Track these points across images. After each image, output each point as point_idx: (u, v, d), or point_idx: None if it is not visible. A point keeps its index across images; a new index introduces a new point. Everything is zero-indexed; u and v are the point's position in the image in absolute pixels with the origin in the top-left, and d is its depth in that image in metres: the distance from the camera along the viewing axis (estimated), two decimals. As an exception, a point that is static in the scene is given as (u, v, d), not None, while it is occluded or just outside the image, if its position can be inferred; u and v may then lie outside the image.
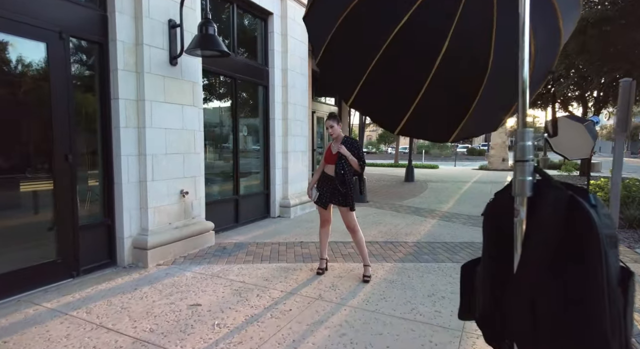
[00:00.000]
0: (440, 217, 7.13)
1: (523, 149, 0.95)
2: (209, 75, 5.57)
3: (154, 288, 3.56)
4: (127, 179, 4.11)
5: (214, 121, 5.95)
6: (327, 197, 3.90)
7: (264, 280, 3.78)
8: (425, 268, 4.18)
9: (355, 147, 3.83)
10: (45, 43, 3.44)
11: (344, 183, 3.80)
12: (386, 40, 1.16)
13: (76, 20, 3.69)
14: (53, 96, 3.51)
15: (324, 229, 4.08)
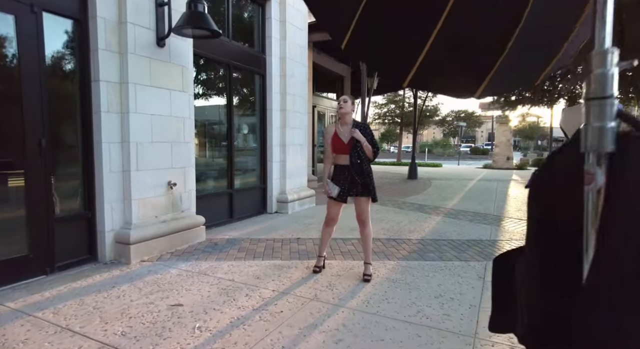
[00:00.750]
0: (445, 214, 6.79)
1: (602, 79, 0.63)
2: (201, 61, 5.26)
3: (134, 285, 3.24)
4: (108, 169, 3.79)
5: (206, 110, 5.64)
6: (345, 190, 3.45)
7: (255, 278, 3.46)
8: (431, 267, 3.85)
9: (367, 132, 3.46)
10: (13, 16, 3.12)
11: (361, 173, 3.39)
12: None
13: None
14: (23, 74, 3.19)
15: (329, 229, 3.65)
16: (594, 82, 0.65)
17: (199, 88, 5.42)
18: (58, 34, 3.54)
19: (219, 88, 5.74)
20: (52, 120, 3.44)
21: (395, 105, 27.60)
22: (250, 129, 6.47)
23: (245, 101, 6.37)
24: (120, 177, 3.89)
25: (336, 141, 3.46)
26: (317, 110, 11.00)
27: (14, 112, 3.19)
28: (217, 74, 5.67)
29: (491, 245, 4.74)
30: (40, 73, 3.31)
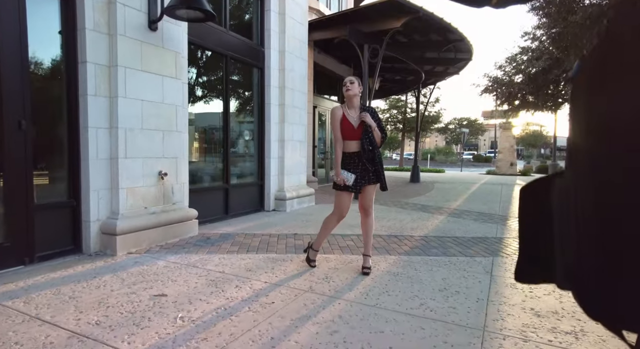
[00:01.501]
0: (448, 213, 6.56)
1: None
2: (196, 50, 5.10)
3: (117, 276, 3.03)
4: (95, 155, 3.61)
5: (201, 101, 5.47)
6: (358, 178, 3.17)
7: (247, 271, 3.24)
8: (435, 262, 3.62)
9: (376, 117, 3.23)
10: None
11: (372, 160, 3.15)
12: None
13: (37, -32, 3.22)
14: (2, 51, 3.02)
15: (336, 223, 3.32)
16: None
17: (195, 78, 5.26)
18: (43, 11, 3.38)
19: (216, 79, 5.58)
20: (34, 101, 3.26)
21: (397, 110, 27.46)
22: (248, 124, 6.29)
23: (242, 94, 6.20)
24: (107, 165, 3.70)
25: (346, 125, 3.19)
26: (317, 110, 10.84)
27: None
28: (215, 65, 5.51)
29: (498, 242, 4.51)
30: (22, 50, 3.14)
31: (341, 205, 3.24)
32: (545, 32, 11.27)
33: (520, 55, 16.04)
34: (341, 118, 3.21)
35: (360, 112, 3.21)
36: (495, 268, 3.45)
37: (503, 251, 4.06)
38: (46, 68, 3.47)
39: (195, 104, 5.25)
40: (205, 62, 5.45)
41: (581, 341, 2.11)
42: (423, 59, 10.98)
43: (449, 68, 11.91)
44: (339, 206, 3.25)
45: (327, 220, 3.34)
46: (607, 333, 2.06)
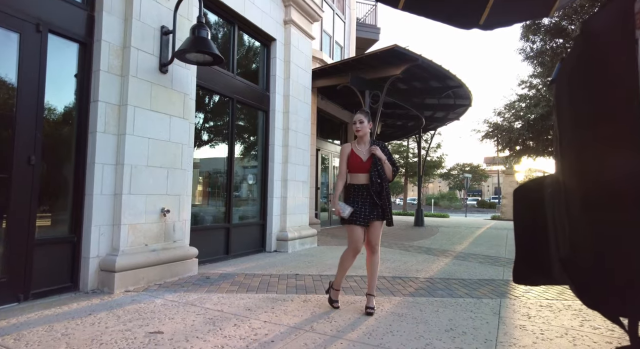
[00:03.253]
0: (454, 256, 6.43)
1: None
2: (204, 92, 5.30)
3: (113, 313, 2.94)
4: (100, 191, 3.64)
5: (208, 141, 5.59)
6: (367, 212, 3.13)
7: (246, 310, 3.14)
8: (441, 303, 3.50)
9: (386, 151, 3.27)
10: (18, 34, 3.17)
11: (380, 194, 3.14)
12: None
13: (59, 16, 3.45)
14: (21, 91, 3.17)
15: (353, 259, 3.22)
16: None
17: (203, 120, 5.42)
18: (62, 55, 3.58)
19: (222, 121, 5.75)
20: (46, 137, 3.36)
21: (399, 155, 27.79)
22: (252, 163, 6.38)
23: (247, 137, 6.35)
24: (111, 201, 3.73)
25: (354, 159, 3.22)
26: (320, 153, 11.00)
27: (5, 127, 3.12)
28: (222, 108, 5.70)
29: (505, 284, 4.38)
30: (40, 90, 3.29)
31: (354, 238, 3.16)
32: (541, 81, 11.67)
33: (518, 103, 16.48)
34: (349, 153, 3.26)
35: (369, 146, 3.27)
36: (503, 310, 3.32)
37: (511, 293, 3.93)
38: (59, 106, 3.60)
39: (202, 145, 5.36)
40: (212, 105, 5.64)
41: (598, 383, 1.99)
42: (423, 105, 11.32)
43: (449, 114, 12.22)
44: (353, 239, 3.17)
45: (343, 256, 3.26)
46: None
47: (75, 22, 3.58)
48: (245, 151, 6.26)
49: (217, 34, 5.60)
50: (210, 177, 5.66)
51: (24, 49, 3.20)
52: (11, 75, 3.17)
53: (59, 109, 3.59)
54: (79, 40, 3.64)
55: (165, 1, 4.18)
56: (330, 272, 4.67)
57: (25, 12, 3.20)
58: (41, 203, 3.37)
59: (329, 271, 4.72)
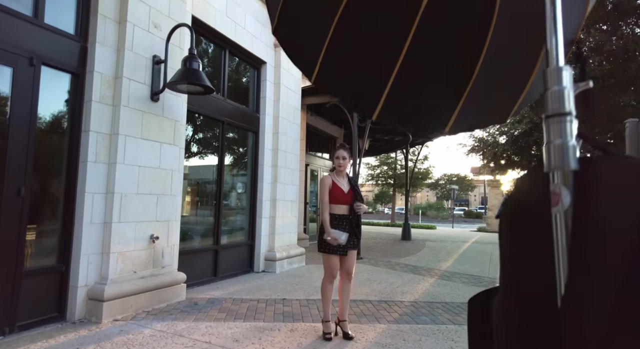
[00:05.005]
0: (439, 276, 6.56)
1: (558, 96, 0.61)
2: (195, 117, 5.38)
3: (100, 347, 2.97)
4: (89, 220, 3.68)
5: (197, 164, 5.66)
6: (347, 242, 3.33)
7: (234, 341, 3.20)
8: (424, 330, 3.61)
9: (357, 188, 3.53)
10: (11, 68, 3.22)
11: (358, 225, 3.41)
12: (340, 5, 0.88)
13: (52, 48, 3.51)
14: (12, 124, 3.21)
15: (331, 285, 3.42)
16: (551, 99, 0.64)
17: (193, 143, 5.49)
18: (54, 86, 3.63)
19: (212, 144, 5.82)
20: (36, 168, 3.40)
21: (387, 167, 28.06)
22: (241, 184, 6.44)
23: (237, 156, 6.43)
24: (100, 229, 3.76)
25: (337, 190, 3.41)
26: (310, 168, 11.11)
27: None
28: (211, 130, 5.78)
29: (487, 308, 4.50)
30: (31, 122, 3.33)
31: (331, 267, 3.35)
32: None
33: (503, 118, 16.83)
34: (331, 185, 3.41)
35: (349, 181, 3.45)
36: (483, 338, 3.44)
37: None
38: (50, 136, 3.65)
39: (191, 167, 5.42)
40: (202, 128, 5.72)
41: None
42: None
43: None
44: (329, 268, 3.36)
45: (323, 287, 3.43)
46: None
47: (68, 53, 3.65)
48: (235, 172, 6.33)
49: (208, 58, 5.70)
50: (199, 199, 5.71)
51: (16, 82, 3.25)
52: (3, 108, 3.21)
53: (50, 139, 3.63)
54: (71, 72, 3.70)
55: (157, 31, 4.27)
56: (317, 296, 4.75)
57: (19, 47, 3.26)
58: (30, 233, 3.39)
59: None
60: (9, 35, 3.20)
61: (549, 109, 0.64)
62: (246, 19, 6.00)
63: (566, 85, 0.63)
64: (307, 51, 1.02)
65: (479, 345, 0.85)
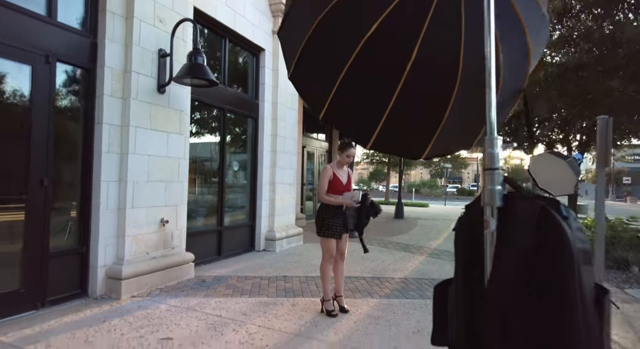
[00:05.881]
0: (428, 254, 7.01)
1: (492, 156, 0.92)
2: (198, 106, 5.61)
3: (124, 320, 3.35)
4: (105, 206, 3.98)
5: (201, 150, 5.92)
6: (340, 227, 3.69)
7: (242, 314, 3.59)
8: (412, 304, 4.02)
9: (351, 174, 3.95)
10: (30, 66, 3.44)
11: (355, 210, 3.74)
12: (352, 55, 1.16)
13: (65, 45, 3.72)
14: (33, 118, 3.46)
15: (330, 267, 3.76)
16: (487, 159, 0.94)
17: (195, 130, 5.74)
18: (68, 81, 3.86)
19: (214, 130, 6.08)
20: (55, 160, 3.67)
21: (383, 146, 28.31)
22: (242, 169, 6.74)
23: (238, 142, 6.70)
24: (115, 215, 4.08)
25: (337, 181, 3.75)
26: (306, 150, 11.38)
27: (21, 153, 3.42)
28: (213, 118, 6.02)
29: (470, 284, 4.94)
30: (49, 117, 3.58)
31: (329, 249, 3.71)
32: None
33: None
34: (331, 177, 3.73)
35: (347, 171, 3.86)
36: (464, 311, 3.86)
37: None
38: (67, 130, 3.90)
39: (195, 152, 5.69)
40: (205, 116, 5.95)
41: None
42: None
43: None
44: (328, 250, 3.71)
45: (322, 269, 3.77)
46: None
47: (79, 50, 3.85)
48: (236, 157, 6.61)
49: (209, 48, 5.86)
50: (203, 184, 6.01)
51: (35, 79, 3.48)
52: (25, 104, 3.45)
53: (67, 132, 3.89)
54: (83, 67, 3.91)
55: (162, 25, 4.45)
56: (316, 273, 5.14)
57: (36, 46, 3.47)
58: (54, 219, 3.70)
59: (314, 273, 5.19)
60: (27, 35, 3.40)
61: (485, 164, 0.94)
62: (245, 8, 6.13)
63: (497, 150, 0.93)
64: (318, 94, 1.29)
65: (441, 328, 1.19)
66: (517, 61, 1.21)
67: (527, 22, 1.15)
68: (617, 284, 5.10)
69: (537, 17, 1.19)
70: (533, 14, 1.18)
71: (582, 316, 0.84)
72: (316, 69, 1.27)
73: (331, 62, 1.23)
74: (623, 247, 6.28)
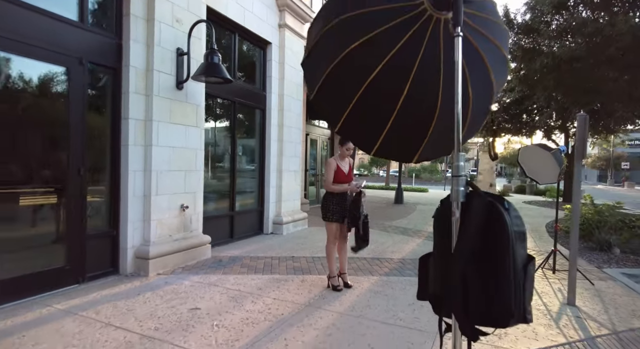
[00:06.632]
0: (425, 237, 7.48)
1: (457, 167, 1.33)
2: (210, 99, 5.98)
3: (156, 294, 3.83)
4: (132, 193, 4.42)
5: (213, 141, 6.33)
6: (342, 212, 4.11)
7: (258, 289, 4.07)
8: (408, 281, 4.50)
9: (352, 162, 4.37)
10: (66, 68, 3.82)
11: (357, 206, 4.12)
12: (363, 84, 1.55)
13: (95, 48, 4.09)
14: (71, 115, 3.87)
15: (334, 248, 4.21)
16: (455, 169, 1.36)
17: (209, 122, 6.13)
18: (98, 80, 4.24)
19: (226, 121, 6.47)
20: (89, 151, 4.09)
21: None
22: (251, 157, 7.16)
23: (247, 132, 7.10)
24: (142, 201, 4.52)
25: (340, 172, 4.18)
26: (309, 138, 11.77)
27: (62, 145, 3.85)
28: (225, 110, 6.41)
29: (462, 264, 5.41)
30: (83, 114, 3.99)
31: (333, 231, 4.18)
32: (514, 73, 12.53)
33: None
34: (335, 168, 4.16)
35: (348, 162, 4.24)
36: (454, 287, 4.34)
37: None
38: (97, 124, 4.30)
39: (209, 143, 6.10)
40: (217, 109, 6.33)
41: (504, 339, 3.01)
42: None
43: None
44: (332, 233, 4.18)
45: (328, 250, 4.23)
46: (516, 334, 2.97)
47: (107, 51, 4.22)
48: (246, 147, 7.02)
49: (220, 44, 6.19)
50: (216, 172, 6.44)
51: (71, 80, 3.87)
52: (63, 102, 3.85)
53: (97, 126, 4.29)
54: (110, 67, 4.29)
55: (179, 25, 4.80)
56: (321, 254, 5.62)
57: (72, 50, 3.84)
58: (89, 205, 4.14)
59: (319, 254, 5.67)
60: (64, 40, 3.78)
61: (453, 172, 1.36)
62: (254, 4, 6.43)
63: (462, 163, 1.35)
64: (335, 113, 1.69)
65: (423, 289, 1.63)
66: (483, 92, 1.60)
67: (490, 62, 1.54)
68: (597, 265, 5.57)
69: (498, 58, 1.59)
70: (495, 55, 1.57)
71: (513, 275, 1.27)
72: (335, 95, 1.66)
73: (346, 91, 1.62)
74: (607, 231, 6.73)
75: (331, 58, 1.60)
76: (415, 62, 1.53)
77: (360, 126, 1.74)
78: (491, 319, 1.32)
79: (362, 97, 1.62)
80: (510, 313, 1.27)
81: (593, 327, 3.33)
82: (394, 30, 1.45)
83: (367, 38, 1.46)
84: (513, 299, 1.27)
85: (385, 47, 1.48)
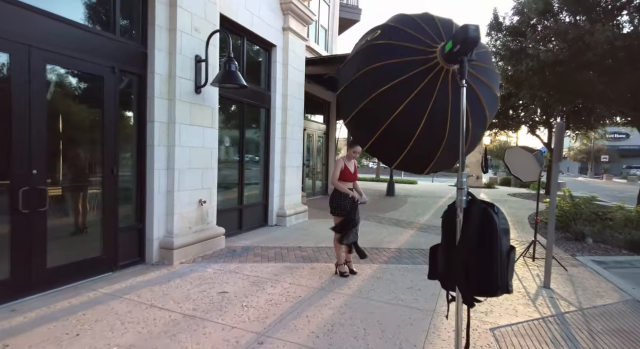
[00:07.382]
0: (418, 228, 8.07)
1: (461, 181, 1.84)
2: (222, 101, 6.38)
3: (184, 280, 4.30)
4: (157, 190, 4.85)
5: (224, 140, 6.75)
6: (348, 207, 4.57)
7: (274, 275, 4.57)
8: (406, 268, 5.06)
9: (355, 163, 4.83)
10: (102, 76, 4.21)
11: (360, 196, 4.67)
12: (391, 116, 2.02)
13: (124, 56, 4.47)
14: (105, 120, 4.27)
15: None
16: (458, 183, 1.86)
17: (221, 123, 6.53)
18: (127, 87, 4.63)
19: (235, 121, 6.89)
20: (120, 152, 4.50)
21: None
22: (257, 154, 7.60)
23: (254, 131, 7.52)
24: (165, 197, 4.95)
25: (347, 171, 4.68)
26: (306, 133, 12.21)
27: (99, 148, 4.25)
28: (235, 111, 6.82)
29: (453, 253, 6.00)
30: (116, 118, 4.39)
31: None
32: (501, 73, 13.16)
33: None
34: (343, 167, 4.66)
35: (353, 163, 4.72)
36: (447, 273, 4.92)
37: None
38: (127, 128, 4.70)
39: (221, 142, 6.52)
40: (228, 110, 6.74)
41: (489, 315, 3.58)
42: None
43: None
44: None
45: (336, 241, 4.72)
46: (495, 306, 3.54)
47: (135, 59, 4.60)
48: (253, 144, 7.46)
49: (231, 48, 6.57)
50: (227, 169, 6.87)
51: (106, 87, 4.25)
52: (99, 108, 4.25)
53: (126, 129, 4.69)
54: (137, 74, 4.67)
55: (197, 34, 5.18)
56: (324, 244, 6.15)
57: (107, 59, 4.23)
58: (120, 201, 4.57)
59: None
60: (102, 51, 4.16)
61: (458, 186, 1.86)
62: (261, 9, 6.81)
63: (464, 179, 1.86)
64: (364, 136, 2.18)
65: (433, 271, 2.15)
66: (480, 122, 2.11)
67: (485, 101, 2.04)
68: (572, 253, 6.22)
69: (491, 97, 2.09)
70: (489, 94, 2.07)
71: (500, 260, 1.80)
72: (366, 124, 2.14)
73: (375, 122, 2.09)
74: (582, 223, 7.40)
75: (364, 96, 2.08)
76: (430, 101, 2.02)
77: (385, 148, 2.23)
78: (484, 290, 1.85)
79: (387, 127, 2.10)
80: (497, 285, 1.80)
81: (563, 305, 3.94)
82: (415, 77, 1.94)
83: (395, 82, 1.95)
84: (499, 276, 1.79)
85: (408, 90, 1.97)
